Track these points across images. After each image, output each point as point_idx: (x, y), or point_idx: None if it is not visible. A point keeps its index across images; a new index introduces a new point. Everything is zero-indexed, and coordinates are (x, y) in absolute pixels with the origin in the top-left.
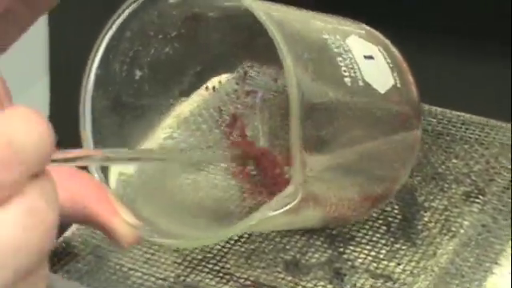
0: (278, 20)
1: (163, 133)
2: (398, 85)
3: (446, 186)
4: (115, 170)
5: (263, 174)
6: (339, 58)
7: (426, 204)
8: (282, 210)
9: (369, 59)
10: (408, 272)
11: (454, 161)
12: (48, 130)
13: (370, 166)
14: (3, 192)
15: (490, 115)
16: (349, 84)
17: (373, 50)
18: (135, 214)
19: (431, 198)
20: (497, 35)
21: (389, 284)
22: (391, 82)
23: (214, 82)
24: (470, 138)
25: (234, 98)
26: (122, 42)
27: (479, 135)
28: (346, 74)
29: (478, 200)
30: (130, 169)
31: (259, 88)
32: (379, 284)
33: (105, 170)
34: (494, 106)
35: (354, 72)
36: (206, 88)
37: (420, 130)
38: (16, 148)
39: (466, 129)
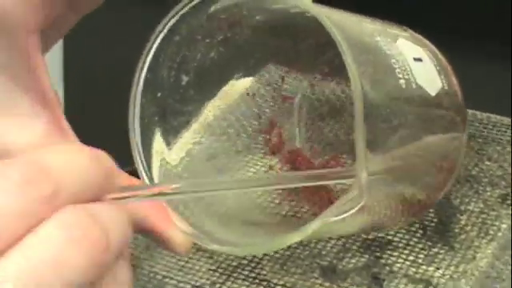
0: (338, 23)
1: (191, 138)
2: (446, 87)
3: (481, 188)
4: (157, 158)
5: None
6: (393, 60)
7: (462, 207)
8: (345, 215)
9: (418, 61)
10: (448, 276)
11: (488, 163)
12: (97, 166)
13: (419, 171)
14: (33, 207)
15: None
16: (403, 86)
17: (420, 52)
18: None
19: (466, 200)
20: (497, 35)
21: None
22: (440, 85)
23: (241, 86)
24: (501, 139)
25: (270, 103)
26: (171, 47)
27: (510, 136)
28: (401, 76)
29: None
30: (174, 159)
31: (295, 94)
32: None
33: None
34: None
35: (407, 74)
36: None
37: (466, 135)
38: (44, 168)
39: (498, 130)
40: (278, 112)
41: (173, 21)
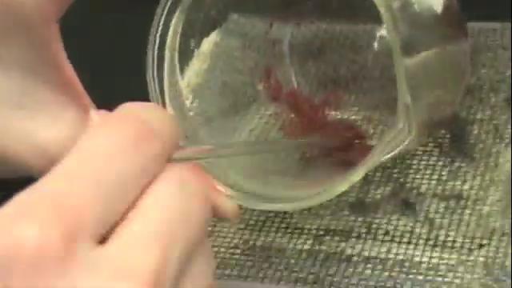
0: None
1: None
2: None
3: (484, 95)
4: None
5: (306, 121)
6: None
7: (470, 117)
8: (394, 153)
9: None
10: (477, 187)
11: (483, 70)
12: (174, 120)
13: (441, 86)
14: (148, 165)
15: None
16: (417, 10)
17: None
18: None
19: (473, 110)
20: None
21: (462, 203)
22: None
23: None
24: (491, 44)
25: (258, 52)
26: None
27: (500, 40)
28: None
29: None
30: None
31: (283, 37)
32: (453, 205)
33: None
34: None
35: None
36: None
37: (468, 41)
38: (151, 126)
39: (486, 36)
40: (270, 58)
41: None
